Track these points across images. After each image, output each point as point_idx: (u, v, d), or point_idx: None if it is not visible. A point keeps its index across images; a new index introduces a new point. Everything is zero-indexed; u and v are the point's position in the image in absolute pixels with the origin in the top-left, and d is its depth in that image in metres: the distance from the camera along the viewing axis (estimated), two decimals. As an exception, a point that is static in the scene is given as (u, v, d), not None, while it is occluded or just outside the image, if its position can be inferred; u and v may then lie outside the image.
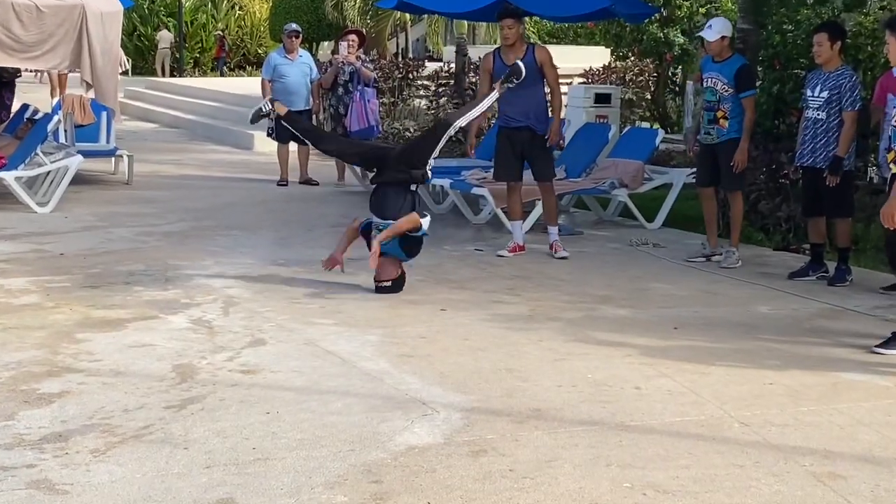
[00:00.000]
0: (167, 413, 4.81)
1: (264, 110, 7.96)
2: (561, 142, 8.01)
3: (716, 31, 8.43)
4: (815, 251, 8.21)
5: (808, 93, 8.01)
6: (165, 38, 32.21)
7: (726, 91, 8.38)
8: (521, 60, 8.43)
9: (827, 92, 7.82)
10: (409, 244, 7.36)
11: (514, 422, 4.81)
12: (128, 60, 24.24)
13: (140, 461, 4.25)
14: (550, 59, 8.78)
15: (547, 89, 8.86)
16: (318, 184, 12.73)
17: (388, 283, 7.28)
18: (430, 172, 7.57)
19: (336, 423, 4.72)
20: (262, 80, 12.85)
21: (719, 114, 8.43)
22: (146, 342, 5.96)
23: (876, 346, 6.15)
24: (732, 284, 7.90)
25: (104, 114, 13.09)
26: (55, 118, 11.39)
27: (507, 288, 7.57)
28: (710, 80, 8.48)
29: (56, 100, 13.26)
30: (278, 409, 4.88)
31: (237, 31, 35.01)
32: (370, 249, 7.26)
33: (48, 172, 10.99)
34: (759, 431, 4.78)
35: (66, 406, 4.89)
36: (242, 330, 6.26)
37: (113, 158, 13.10)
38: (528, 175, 8.97)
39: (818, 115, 7.87)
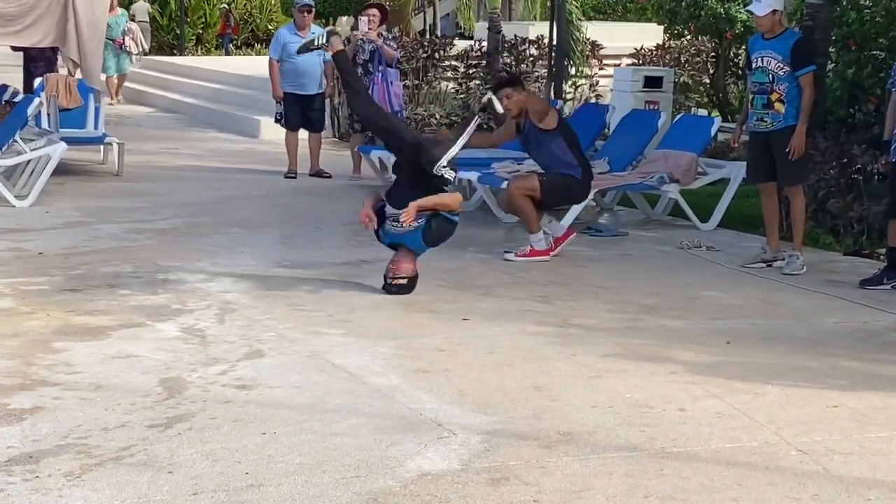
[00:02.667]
0: (151, 433, 4.84)
1: (316, 42, 8.18)
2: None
3: (766, 4, 8.40)
4: (892, 257, 8.15)
5: None
6: (141, 9, 32.12)
7: (781, 70, 8.34)
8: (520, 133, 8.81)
9: None
10: (440, 230, 7.44)
11: (540, 446, 4.81)
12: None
13: (119, 486, 4.28)
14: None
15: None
16: (330, 176, 12.77)
17: (404, 281, 7.37)
18: (448, 171, 7.51)
19: (340, 446, 4.73)
20: (270, 60, 12.87)
21: (773, 97, 8.39)
22: (131, 353, 5.99)
23: (957, 366, 6.10)
24: (795, 293, 7.86)
25: (92, 96, 13.17)
26: (36, 101, 11.46)
27: (538, 295, 7.57)
28: (761, 59, 8.45)
29: (38, 80, 13.33)
30: (275, 430, 4.90)
31: (245, 5, 35.08)
32: (378, 238, 7.57)
33: (28, 161, 11.06)
34: (820, 460, 4.75)
35: (39, 423, 4.92)
36: (239, 340, 6.29)
37: (101, 146, 13.17)
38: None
39: None
